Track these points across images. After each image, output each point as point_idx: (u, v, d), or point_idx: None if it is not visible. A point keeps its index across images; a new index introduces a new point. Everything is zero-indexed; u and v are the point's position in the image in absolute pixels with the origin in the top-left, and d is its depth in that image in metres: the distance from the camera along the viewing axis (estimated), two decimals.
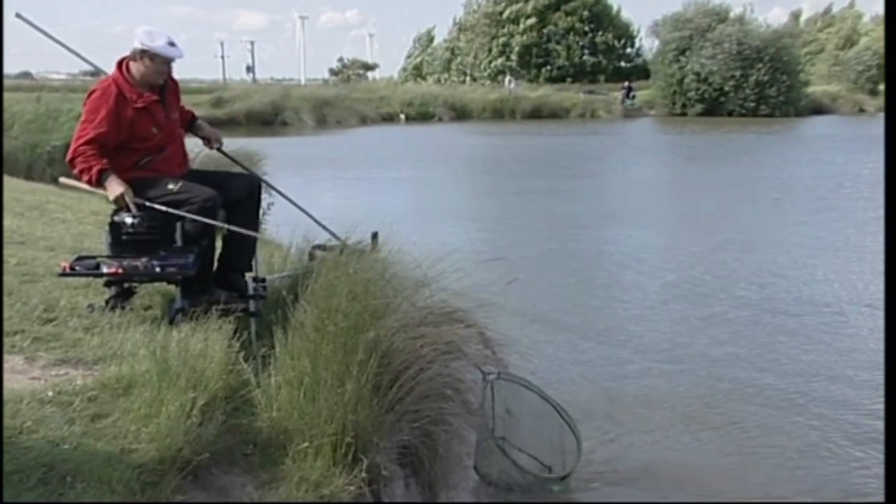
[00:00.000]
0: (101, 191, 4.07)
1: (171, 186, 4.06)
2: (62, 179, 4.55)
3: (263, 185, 4.67)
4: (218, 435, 2.99)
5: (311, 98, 38.08)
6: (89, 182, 3.99)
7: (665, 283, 8.84)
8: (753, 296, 8.29)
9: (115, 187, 3.95)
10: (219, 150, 4.67)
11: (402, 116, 39.79)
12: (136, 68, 4.10)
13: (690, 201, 15.39)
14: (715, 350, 6.60)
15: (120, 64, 4.13)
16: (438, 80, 57.90)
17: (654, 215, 13.58)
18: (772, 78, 44.25)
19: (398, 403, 3.39)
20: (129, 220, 3.95)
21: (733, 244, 10.81)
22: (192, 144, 4.65)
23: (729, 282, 8.81)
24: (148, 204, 3.99)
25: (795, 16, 60.11)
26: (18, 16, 4.38)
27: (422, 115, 40.15)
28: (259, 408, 3.23)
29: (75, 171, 4.04)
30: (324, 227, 4.60)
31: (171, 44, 4.10)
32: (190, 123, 4.57)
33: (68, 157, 4.02)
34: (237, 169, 5.03)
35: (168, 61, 4.14)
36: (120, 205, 3.98)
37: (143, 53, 4.05)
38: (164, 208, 3.95)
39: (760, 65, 44.26)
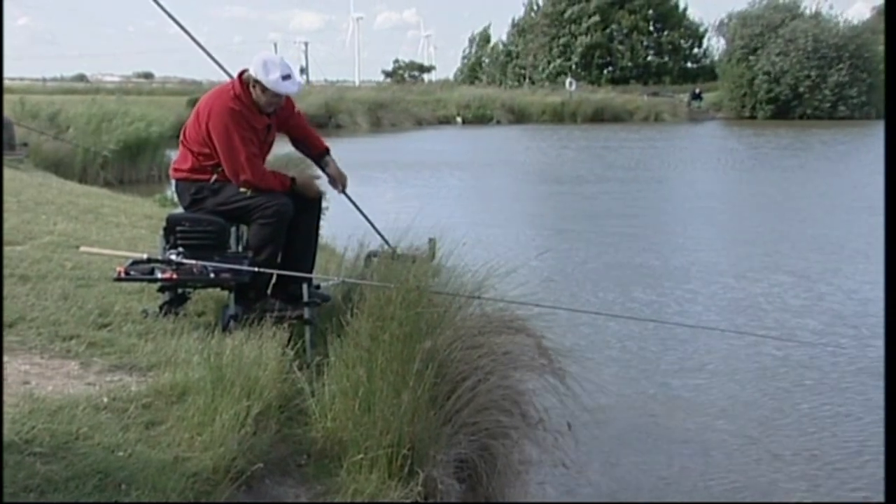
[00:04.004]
0: (120, 252, 4.14)
1: (243, 189, 4.04)
2: (83, 248, 4.58)
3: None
4: (272, 444, 2.99)
5: (365, 100, 37.99)
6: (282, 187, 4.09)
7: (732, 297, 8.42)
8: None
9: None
10: (343, 192, 4.52)
11: (459, 119, 39.71)
12: (252, 92, 4.03)
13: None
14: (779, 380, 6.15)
15: (242, 82, 4.04)
16: (493, 82, 57.49)
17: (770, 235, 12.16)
18: (852, 77, 42.10)
19: (455, 415, 3.31)
20: None
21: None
22: None
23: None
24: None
25: (880, 11, 57.05)
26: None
27: (479, 117, 39.95)
28: (313, 418, 3.20)
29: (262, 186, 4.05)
30: (383, 238, 4.51)
31: (287, 76, 3.95)
32: (319, 155, 4.45)
33: (249, 181, 4.00)
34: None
35: (279, 95, 4.04)
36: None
37: (255, 82, 3.97)
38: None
39: (840, 65, 42.07)
